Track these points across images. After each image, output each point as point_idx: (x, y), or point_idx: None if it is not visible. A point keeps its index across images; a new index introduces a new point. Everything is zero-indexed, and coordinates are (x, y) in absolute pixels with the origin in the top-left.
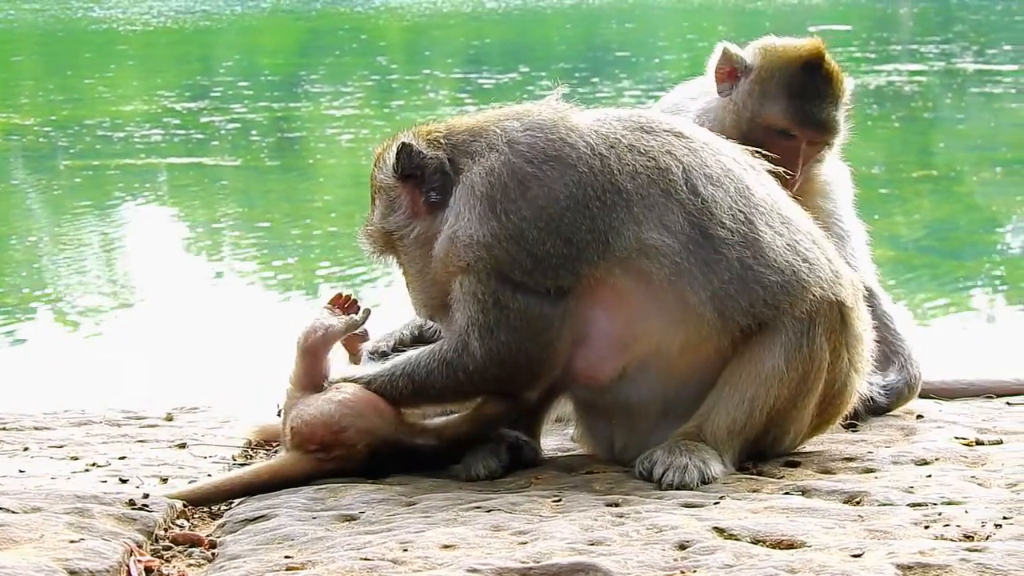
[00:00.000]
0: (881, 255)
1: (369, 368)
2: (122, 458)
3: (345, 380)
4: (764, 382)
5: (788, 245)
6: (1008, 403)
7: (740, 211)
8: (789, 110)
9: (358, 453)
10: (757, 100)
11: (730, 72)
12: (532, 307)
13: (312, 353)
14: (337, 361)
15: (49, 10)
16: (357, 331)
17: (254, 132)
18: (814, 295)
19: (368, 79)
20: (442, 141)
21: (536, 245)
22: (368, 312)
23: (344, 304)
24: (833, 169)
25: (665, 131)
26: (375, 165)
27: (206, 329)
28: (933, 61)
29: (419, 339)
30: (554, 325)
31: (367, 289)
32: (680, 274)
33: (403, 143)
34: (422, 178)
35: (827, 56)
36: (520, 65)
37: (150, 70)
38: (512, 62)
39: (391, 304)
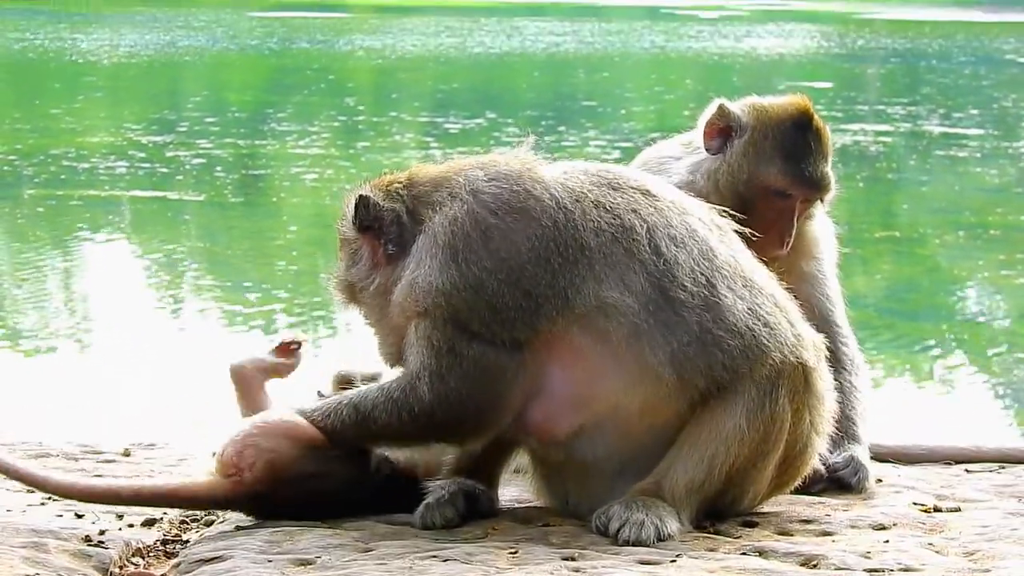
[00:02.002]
0: None
1: (319, 401)
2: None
3: (288, 408)
4: (724, 441)
5: (749, 309)
6: (967, 470)
7: (702, 273)
8: (786, 171)
9: (260, 474)
10: (752, 161)
11: (723, 129)
12: (487, 357)
13: (241, 383)
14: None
15: (17, 39)
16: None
17: (219, 168)
18: (774, 360)
19: (335, 119)
20: (402, 192)
21: (495, 296)
22: (299, 344)
23: (288, 349)
24: (820, 225)
25: (632, 188)
26: (339, 218)
27: (165, 365)
28: (899, 122)
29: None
30: (506, 377)
31: (325, 329)
32: (639, 334)
33: (360, 195)
34: (380, 229)
35: (814, 112)
36: (487, 111)
37: (117, 102)
38: (479, 108)
39: (349, 344)
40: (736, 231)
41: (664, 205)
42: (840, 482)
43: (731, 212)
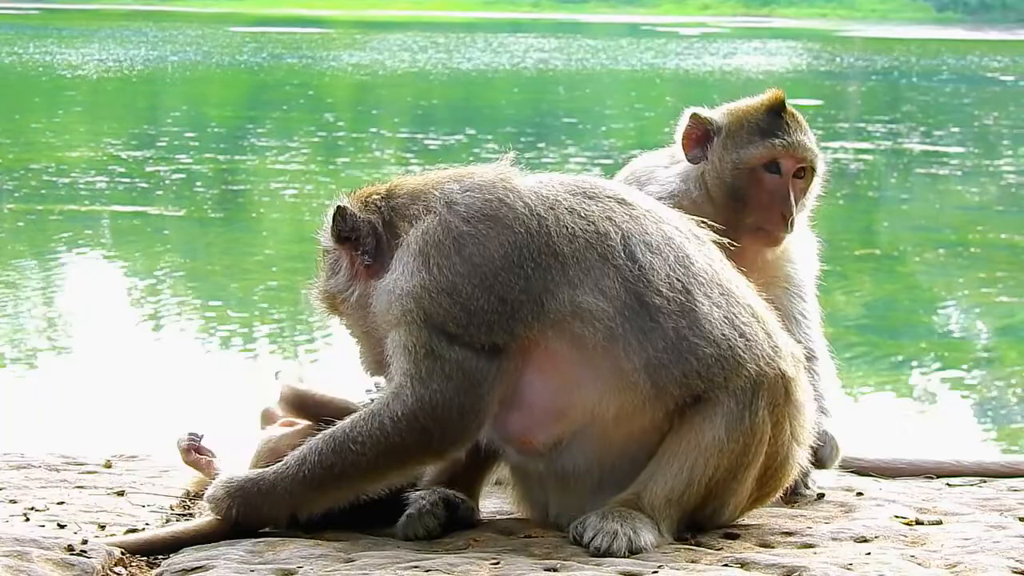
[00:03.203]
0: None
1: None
2: (60, 503)
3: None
4: (704, 452)
5: (726, 318)
6: (948, 484)
7: (678, 280)
8: (767, 143)
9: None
10: (733, 150)
11: (700, 137)
12: (467, 359)
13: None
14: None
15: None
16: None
17: (199, 183)
18: (750, 371)
19: (315, 135)
20: (379, 204)
21: (470, 300)
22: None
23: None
24: (801, 237)
25: (608, 197)
26: (320, 230)
27: (144, 378)
28: (880, 140)
29: None
30: (487, 380)
31: (304, 345)
32: (614, 340)
33: (338, 206)
34: (358, 240)
35: (786, 99)
36: (467, 127)
37: (97, 117)
38: (459, 124)
39: (331, 358)
40: (715, 242)
41: (639, 213)
42: (817, 458)
43: (712, 224)
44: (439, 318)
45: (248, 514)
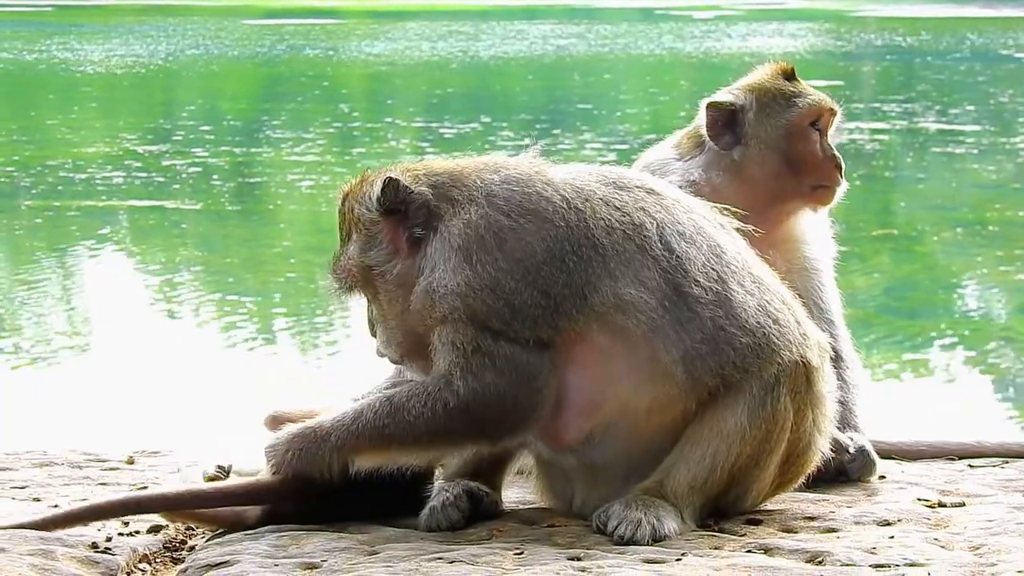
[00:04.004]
0: None
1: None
2: (84, 500)
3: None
4: (726, 439)
5: (759, 306)
6: (970, 465)
7: (713, 269)
8: (807, 101)
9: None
10: (778, 116)
11: (726, 122)
12: (518, 354)
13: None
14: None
15: (13, 50)
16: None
17: (215, 176)
18: (782, 358)
19: (330, 126)
20: (425, 180)
21: (513, 295)
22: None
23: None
24: (817, 221)
25: (637, 187)
26: (351, 199)
27: (165, 373)
28: (895, 120)
29: None
30: (542, 373)
31: (323, 336)
32: (656, 331)
33: (389, 177)
34: (405, 214)
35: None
36: (482, 115)
37: (112, 112)
38: (474, 112)
39: (349, 349)
40: (738, 229)
41: (669, 203)
42: (848, 474)
43: (735, 210)
44: (483, 315)
45: (303, 459)
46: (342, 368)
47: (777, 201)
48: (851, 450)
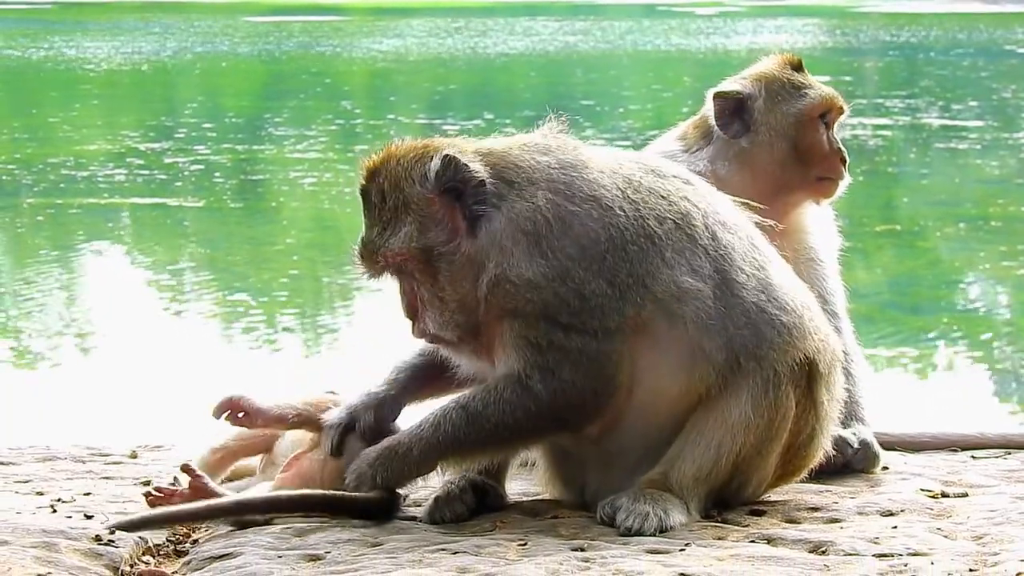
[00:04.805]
0: None
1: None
2: (87, 494)
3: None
4: (731, 429)
5: (796, 292)
6: (973, 456)
7: (754, 257)
8: (817, 94)
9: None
10: (788, 104)
11: (734, 110)
12: (589, 345)
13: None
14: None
15: (14, 47)
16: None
17: (217, 174)
18: (807, 346)
19: (332, 123)
20: (472, 157)
21: (582, 285)
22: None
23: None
24: (822, 215)
25: (672, 176)
26: (392, 177)
27: (168, 369)
28: (898, 115)
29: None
30: (612, 361)
31: (327, 333)
32: (706, 318)
33: (447, 155)
34: (462, 193)
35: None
36: (484, 111)
37: (114, 110)
38: (476, 108)
39: (353, 345)
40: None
41: (704, 192)
42: (854, 467)
43: (747, 202)
44: (553, 308)
45: (388, 477)
46: (346, 364)
47: (782, 191)
48: (855, 444)
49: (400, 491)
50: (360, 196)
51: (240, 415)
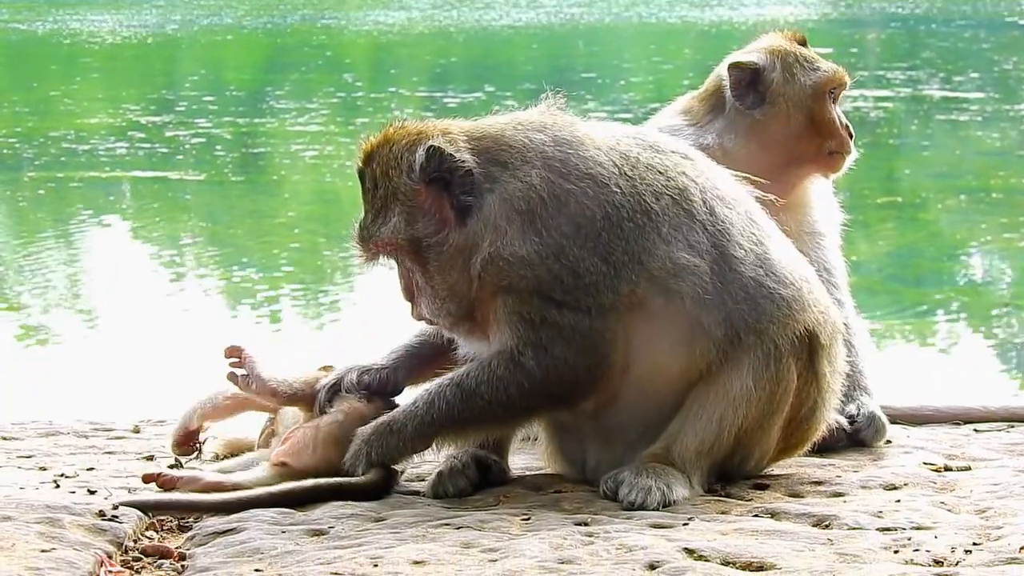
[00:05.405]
0: None
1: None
2: (90, 469)
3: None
4: (732, 402)
5: (795, 266)
6: (975, 430)
7: (752, 233)
8: (830, 67)
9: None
10: (805, 76)
11: (750, 82)
12: (582, 322)
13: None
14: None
15: (14, 21)
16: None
17: (219, 147)
18: (797, 319)
19: (333, 96)
20: (463, 144)
21: (576, 262)
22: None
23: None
24: (822, 189)
25: (671, 151)
26: (383, 165)
27: (170, 343)
28: (900, 87)
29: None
30: (606, 338)
31: (327, 306)
32: (704, 294)
33: (432, 145)
34: (449, 182)
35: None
36: (485, 84)
37: (115, 83)
38: (477, 81)
39: (354, 318)
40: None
41: (703, 167)
42: (861, 440)
43: (751, 177)
44: (547, 285)
45: (382, 453)
46: (347, 336)
47: (792, 164)
48: (859, 418)
49: (396, 468)
50: (358, 177)
51: (239, 372)
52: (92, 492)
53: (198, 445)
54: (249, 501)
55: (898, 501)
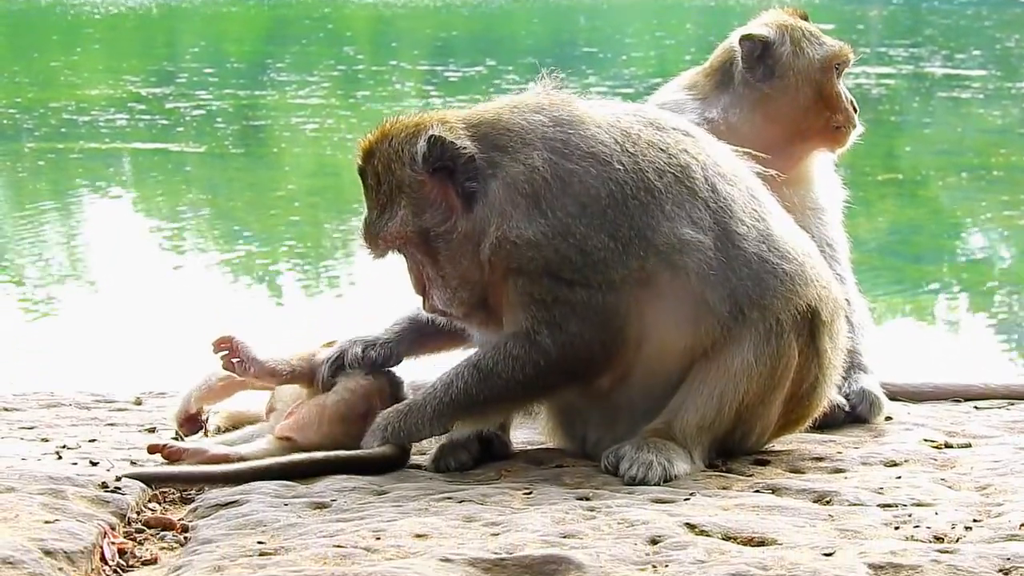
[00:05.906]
0: None
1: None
2: (92, 441)
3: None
4: (733, 377)
5: (797, 242)
6: (976, 407)
7: (754, 209)
8: (836, 42)
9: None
10: (814, 50)
11: (760, 55)
12: (594, 298)
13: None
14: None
15: None
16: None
17: (219, 119)
18: (810, 294)
19: (334, 69)
20: (466, 132)
21: (583, 241)
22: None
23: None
24: (824, 166)
25: (672, 128)
26: (385, 158)
27: (171, 315)
28: (902, 64)
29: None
30: (619, 313)
31: (327, 279)
32: (709, 270)
33: (432, 135)
34: (452, 170)
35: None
36: (487, 59)
37: (116, 54)
38: (479, 55)
39: (354, 292)
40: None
41: (704, 144)
42: (858, 416)
43: (755, 152)
44: (556, 265)
45: (399, 431)
46: (347, 310)
47: (797, 139)
48: (852, 395)
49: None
50: (359, 176)
51: (235, 360)
52: (94, 463)
53: (203, 424)
54: (256, 472)
55: (899, 478)
